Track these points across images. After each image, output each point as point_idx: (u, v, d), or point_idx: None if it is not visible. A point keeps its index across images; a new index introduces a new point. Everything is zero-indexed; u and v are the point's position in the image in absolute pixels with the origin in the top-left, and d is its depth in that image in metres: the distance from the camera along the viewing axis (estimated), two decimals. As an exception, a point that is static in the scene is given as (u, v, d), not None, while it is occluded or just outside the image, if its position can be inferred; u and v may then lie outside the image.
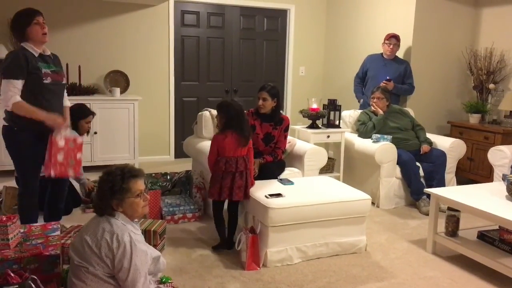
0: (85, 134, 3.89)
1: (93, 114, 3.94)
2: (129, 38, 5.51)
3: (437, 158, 4.26)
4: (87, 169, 4.01)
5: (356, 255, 3.12)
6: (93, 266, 1.92)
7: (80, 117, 3.74)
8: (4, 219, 2.29)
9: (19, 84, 2.70)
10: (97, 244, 1.92)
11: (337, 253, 3.10)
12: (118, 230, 1.96)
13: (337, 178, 4.31)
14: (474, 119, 4.94)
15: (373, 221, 3.82)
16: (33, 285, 1.94)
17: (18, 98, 2.71)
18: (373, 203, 4.02)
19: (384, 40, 4.85)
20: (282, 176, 3.61)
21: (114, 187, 1.98)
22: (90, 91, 5.13)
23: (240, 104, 3.14)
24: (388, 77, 4.69)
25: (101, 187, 2.02)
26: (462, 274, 2.90)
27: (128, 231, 1.98)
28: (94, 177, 4.56)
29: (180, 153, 5.70)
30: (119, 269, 1.91)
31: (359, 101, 5.11)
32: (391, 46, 4.80)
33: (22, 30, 2.78)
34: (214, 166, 3.08)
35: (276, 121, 3.65)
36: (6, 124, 2.85)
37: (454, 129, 5.07)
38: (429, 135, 4.52)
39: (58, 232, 2.57)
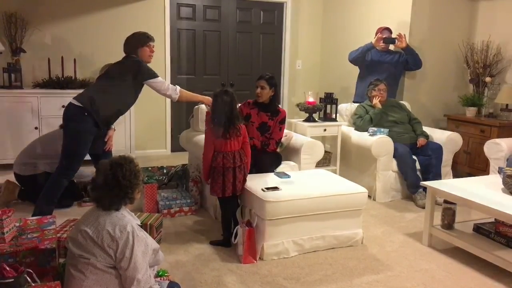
0: None
1: None
2: (125, 31, 5.38)
3: (433, 152, 4.26)
4: (84, 162, 3.97)
5: (352, 248, 3.13)
6: (95, 257, 1.92)
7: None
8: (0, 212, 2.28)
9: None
10: (99, 235, 1.92)
11: (333, 246, 3.11)
12: (119, 220, 1.96)
13: (334, 171, 4.31)
14: (470, 112, 4.95)
15: (370, 214, 3.83)
16: (28, 279, 1.94)
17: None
18: (369, 196, 4.02)
19: (377, 33, 4.84)
20: (279, 169, 3.60)
21: (137, 173, 2.05)
22: (85, 84, 5.09)
23: (224, 94, 3.00)
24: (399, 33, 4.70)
25: (124, 177, 1.99)
26: (458, 267, 2.91)
27: (129, 221, 1.99)
28: (90, 170, 4.55)
29: (176, 146, 5.68)
30: (121, 259, 1.91)
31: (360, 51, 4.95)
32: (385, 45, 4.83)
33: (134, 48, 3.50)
34: (213, 162, 3.03)
35: (273, 112, 3.64)
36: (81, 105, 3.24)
37: (451, 123, 5.07)
38: (426, 128, 4.53)
39: (54, 226, 2.56)
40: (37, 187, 3.52)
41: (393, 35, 4.83)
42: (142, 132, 5.63)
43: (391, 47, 4.91)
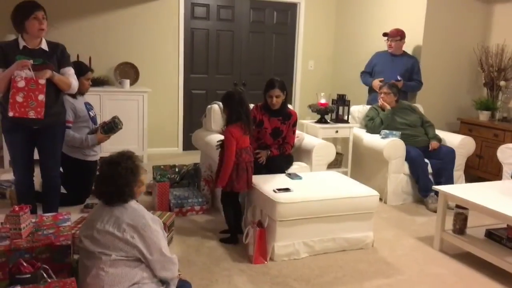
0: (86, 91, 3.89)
1: (91, 70, 3.95)
2: (140, 30, 5.52)
3: (446, 155, 4.24)
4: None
5: (363, 251, 3.14)
6: (115, 252, 1.97)
7: (79, 74, 3.51)
8: (17, 209, 2.32)
9: None
10: (119, 228, 1.97)
11: (344, 249, 3.12)
12: (135, 212, 2.04)
13: (345, 173, 4.31)
14: (484, 116, 4.91)
15: (381, 217, 3.82)
16: (45, 275, 1.98)
17: None
18: (380, 199, 4.01)
19: (388, 38, 4.87)
20: (290, 170, 3.62)
21: (133, 169, 2.07)
22: (100, 82, 5.15)
23: (240, 91, 3.15)
24: (398, 78, 4.66)
25: (120, 174, 2.03)
26: (469, 272, 2.90)
27: (144, 211, 2.07)
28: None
29: (188, 145, 5.73)
30: (148, 245, 1.99)
31: (368, 84, 5.02)
32: (389, 42, 4.83)
33: (20, 23, 2.83)
34: (237, 159, 3.07)
35: (284, 115, 3.64)
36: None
37: (464, 126, 5.04)
38: (438, 132, 4.50)
39: (69, 223, 2.60)
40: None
41: (410, 38, 4.82)
42: (155, 131, 5.68)
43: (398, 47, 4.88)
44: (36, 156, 3.13)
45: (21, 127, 2.93)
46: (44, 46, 2.94)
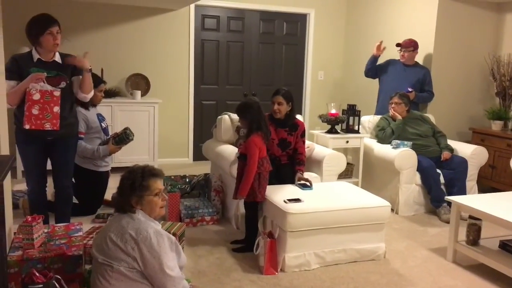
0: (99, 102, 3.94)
1: (104, 82, 4.00)
2: (150, 42, 5.59)
3: (458, 165, 4.21)
4: (108, 170, 4.06)
5: (374, 262, 3.11)
6: (118, 262, 1.95)
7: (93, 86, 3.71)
8: (30, 219, 2.35)
9: (9, 84, 2.81)
10: (122, 238, 1.97)
11: (355, 260, 3.09)
12: (141, 224, 2.02)
13: (356, 183, 4.29)
14: (496, 126, 4.86)
15: (392, 228, 3.79)
16: (57, 285, 1.99)
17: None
18: (392, 210, 3.98)
19: (401, 48, 4.86)
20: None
21: (134, 184, 2.05)
22: (112, 93, 5.21)
23: (256, 100, 3.20)
24: (409, 89, 4.65)
25: (122, 183, 2.09)
26: (483, 284, 2.86)
27: (150, 225, 2.04)
28: (114, 178, 4.63)
29: (198, 155, 5.75)
30: (147, 260, 1.95)
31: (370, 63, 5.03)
32: (402, 53, 4.82)
33: (35, 37, 2.88)
34: (259, 168, 3.09)
35: (291, 126, 3.60)
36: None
37: (476, 136, 4.99)
38: (450, 142, 4.46)
39: (80, 233, 2.62)
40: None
41: (421, 48, 4.81)
42: (165, 141, 5.71)
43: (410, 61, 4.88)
44: (48, 166, 3.16)
45: (35, 138, 2.97)
46: (57, 58, 2.99)
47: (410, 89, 4.65)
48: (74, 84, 3.06)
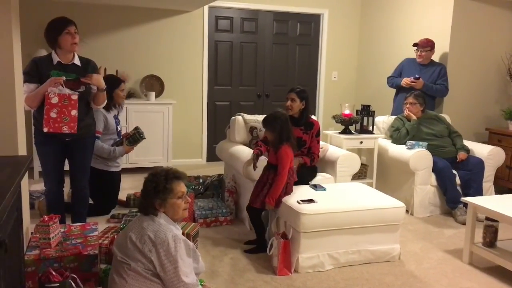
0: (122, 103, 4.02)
1: (124, 81, 4.06)
2: (165, 44, 5.63)
3: (474, 166, 4.15)
4: (122, 171, 4.10)
5: (389, 264, 3.08)
6: (135, 262, 1.98)
7: (114, 87, 3.81)
8: (46, 219, 2.39)
9: (29, 86, 2.87)
10: (141, 240, 1.99)
11: (369, 261, 3.07)
12: (161, 227, 2.03)
13: (370, 184, 4.26)
14: (513, 126, 4.79)
15: (407, 229, 3.75)
16: (73, 284, 2.02)
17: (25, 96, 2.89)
18: (407, 211, 3.95)
19: (417, 48, 4.80)
20: (314, 181, 3.60)
21: (157, 187, 2.07)
22: (126, 95, 5.24)
23: (283, 112, 3.21)
24: (417, 75, 4.60)
25: (146, 186, 2.11)
26: (500, 286, 2.81)
27: (170, 229, 2.05)
28: (128, 179, 4.69)
29: (212, 156, 5.77)
30: (163, 264, 1.97)
31: (397, 84, 4.91)
32: (419, 52, 4.76)
33: (54, 38, 2.92)
34: (289, 178, 3.13)
35: (306, 125, 3.64)
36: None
37: (493, 136, 4.92)
38: (466, 142, 4.41)
39: (96, 233, 2.65)
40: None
41: (436, 47, 4.75)
42: (179, 142, 5.75)
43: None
44: (65, 166, 3.21)
45: (54, 139, 3.01)
46: (76, 61, 3.04)
47: (417, 76, 4.60)
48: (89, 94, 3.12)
